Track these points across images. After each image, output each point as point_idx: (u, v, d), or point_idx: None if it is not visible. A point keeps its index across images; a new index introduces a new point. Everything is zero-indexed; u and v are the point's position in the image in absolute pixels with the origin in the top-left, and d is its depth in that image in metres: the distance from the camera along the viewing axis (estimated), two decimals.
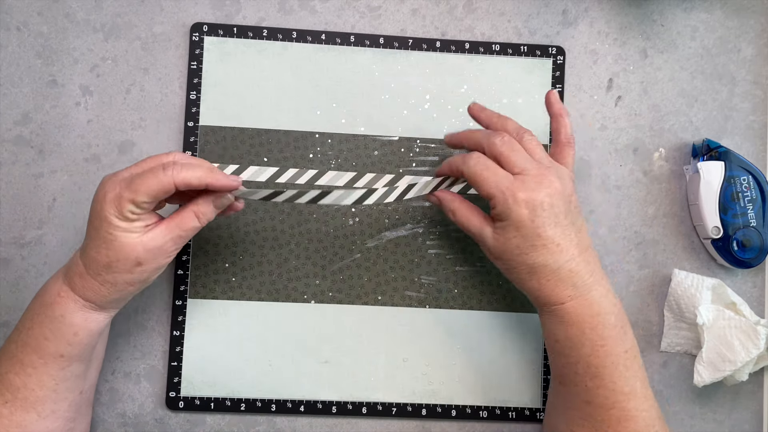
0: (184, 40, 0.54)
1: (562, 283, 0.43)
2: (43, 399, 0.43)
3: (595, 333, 0.43)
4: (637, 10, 0.57)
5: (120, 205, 0.41)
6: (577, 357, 0.43)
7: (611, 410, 0.43)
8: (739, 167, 0.53)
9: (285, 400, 0.53)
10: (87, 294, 0.43)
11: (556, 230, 0.43)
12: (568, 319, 0.43)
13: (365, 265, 0.54)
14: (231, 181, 0.43)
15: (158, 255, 0.43)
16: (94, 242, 0.42)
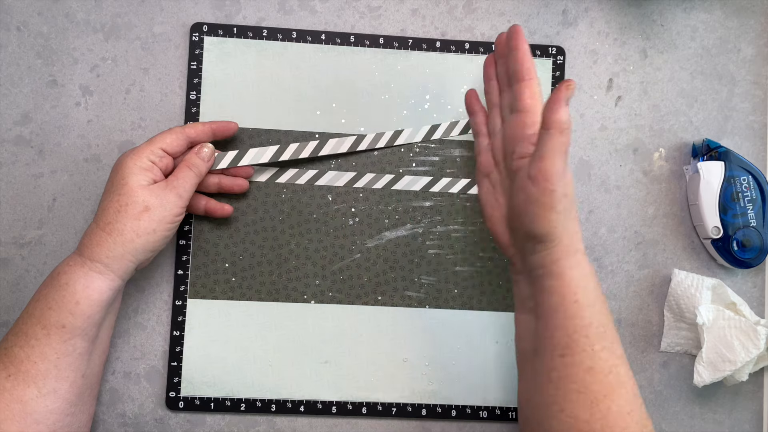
0: (184, 40, 0.54)
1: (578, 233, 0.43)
2: (44, 373, 0.43)
3: (599, 287, 0.43)
4: (637, 10, 0.57)
5: (139, 153, 0.47)
6: (590, 317, 0.42)
7: (609, 375, 0.41)
8: (739, 167, 0.53)
9: (285, 400, 0.53)
10: (94, 250, 0.45)
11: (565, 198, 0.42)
12: (589, 270, 0.43)
13: (365, 265, 0.54)
14: (227, 122, 0.51)
15: (163, 203, 0.46)
16: (108, 193, 0.46)
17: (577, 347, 0.42)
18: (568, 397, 0.42)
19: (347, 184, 0.54)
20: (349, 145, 0.53)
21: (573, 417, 0.41)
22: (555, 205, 0.41)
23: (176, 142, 0.48)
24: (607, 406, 0.41)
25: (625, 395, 0.41)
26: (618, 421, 0.41)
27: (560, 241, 0.42)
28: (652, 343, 0.55)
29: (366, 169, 0.54)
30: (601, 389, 0.41)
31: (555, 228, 0.42)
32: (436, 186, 0.54)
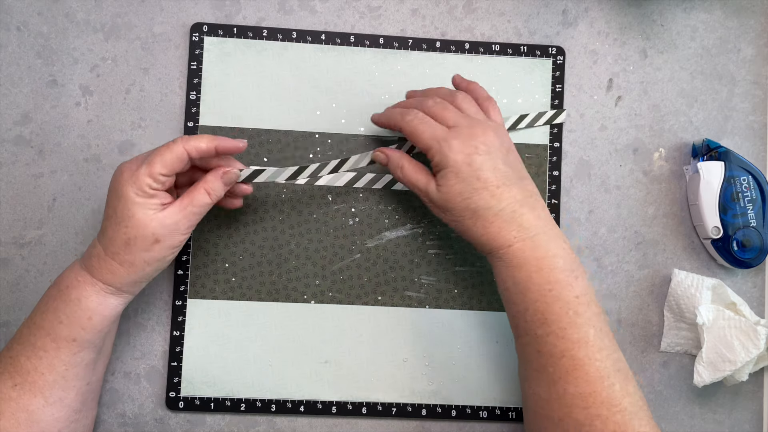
0: (184, 40, 0.54)
1: (507, 225, 0.44)
2: (51, 384, 0.43)
3: (541, 276, 0.43)
4: (637, 10, 0.57)
5: (138, 181, 0.43)
6: (525, 303, 0.43)
7: (561, 359, 0.42)
8: (739, 167, 0.53)
9: (285, 400, 0.53)
10: (105, 276, 0.44)
11: (495, 174, 0.44)
12: (516, 263, 0.43)
13: (365, 265, 0.54)
14: (237, 142, 0.46)
15: (174, 232, 0.45)
16: (113, 222, 0.44)
17: (521, 330, 0.44)
18: (530, 374, 0.44)
19: (347, 184, 0.54)
20: (369, 161, 0.51)
21: (536, 394, 0.43)
22: (430, 207, 0.47)
23: (177, 164, 0.44)
24: (563, 388, 0.41)
25: (583, 377, 0.41)
26: (576, 401, 0.41)
27: (474, 245, 0.46)
28: (652, 343, 0.55)
29: (366, 169, 0.54)
30: (555, 371, 0.42)
31: (462, 232, 0.46)
32: None
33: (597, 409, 0.41)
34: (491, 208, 0.44)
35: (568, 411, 0.41)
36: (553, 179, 0.55)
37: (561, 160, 0.55)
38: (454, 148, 0.45)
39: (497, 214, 0.44)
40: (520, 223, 0.44)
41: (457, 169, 0.44)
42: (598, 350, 0.42)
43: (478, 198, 0.44)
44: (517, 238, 0.44)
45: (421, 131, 0.46)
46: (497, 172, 0.45)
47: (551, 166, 0.55)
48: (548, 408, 0.42)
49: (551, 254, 0.43)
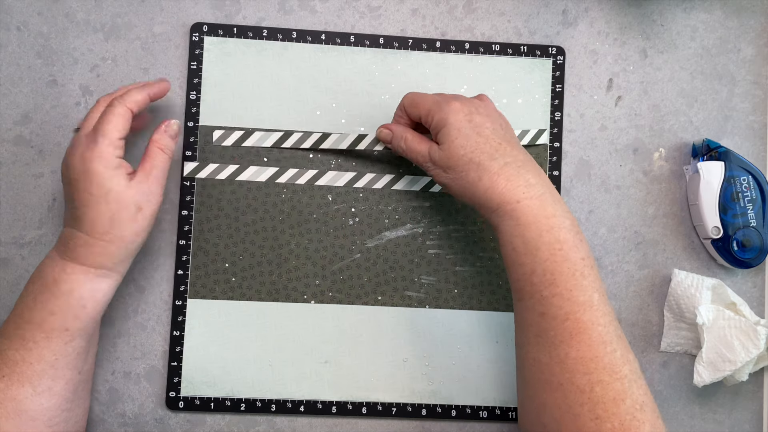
0: (184, 40, 0.54)
1: (514, 179, 0.43)
2: (40, 373, 0.43)
3: (551, 235, 0.42)
4: (637, 10, 0.57)
5: (103, 154, 0.44)
6: (533, 263, 0.42)
7: (565, 322, 0.41)
8: (739, 167, 0.53)
9: (285, 400, 0.53)
10: (97, 259, 0.44)
11: (496, 133, 0.45)
12: (525, 220, 0.42)
13: (365, 265, 0.54)
14: (161, 83, 0.49)
15: (150, 197, 0.46)
16: (90, 204, 0.44)
17: (525, 292, 0.43)
18: (529, 340, 0.43)
19: (347, 184, 0.54)
20: (350, 143, 0.53)
21: (536, 360, 0.42)
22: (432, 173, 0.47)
23: (126, 124, 0.45)
24: (565, 352, 0.41)
25: (586, 341, 0.40)
26: (578, 366, 0.40)
27: (478, 205, 0.45)
28: (652, 343, 0.55)
29: (366, 169, 0.54)
30: (557, 335, 0.41)
31: (456, 194, 0.46)
32: (436, 186, 0.54)
33: (598, 374, 0.40)
34: (496, 160, 0.44)
35: (569, 376, 0.40)
36: (553, 179, 0.55)
37: (561, 160, 0.55)
38: (455, 107, 0.46)
39: (503, 167, 0.44)
40: (527, 179, 0.43)
41: (458, 125, 0.45)
42: (602, 315, 0.41)
43: (480, 151, 0.44)
44: (526, 194, 0.43)
45: (422, 97, 0.48)
46: (497, 132, 0.45)
47: (551, 166, 0.55)
48: (548, 373, 0.41)
49: (559, 214, 0.43)
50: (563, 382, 0.41)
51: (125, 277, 0.53)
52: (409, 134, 0.49)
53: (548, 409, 0.41)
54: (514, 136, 0.47)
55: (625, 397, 0.40)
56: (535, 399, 0.43)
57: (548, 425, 0.41)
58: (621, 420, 0.39)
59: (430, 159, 0.47)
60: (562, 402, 0.41)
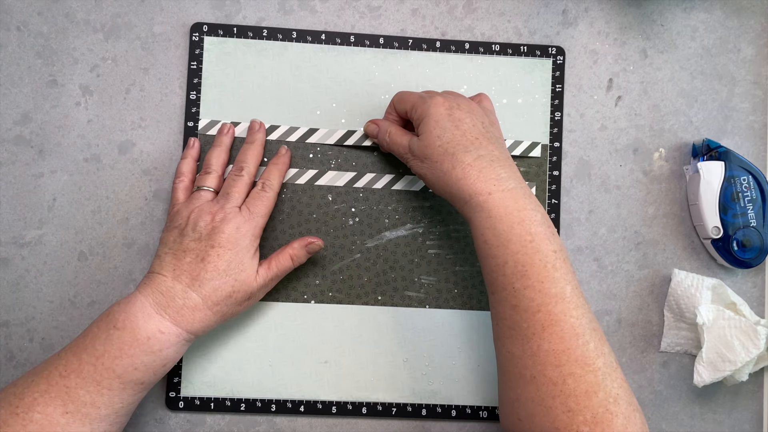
0: (184, 40, 0.54)
1: (486, 172, 0.44)
2: (103, 418, 0.43)
3: (522, 227, 0.42)
4: (637, 10, 0.57)
5: (256, 234, 0.48)
6: (505, 255, 0.42)
7: (537, 314, 0.41)
8: (739, 167, 0.53)
9: (285, 400, 0.53)
10: (195, 326, 0.45)
11: (474, 128, 0.46)
12: (496, 212, 0.42)
13: (365, 265, 0.54)
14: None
15: (261, 290, 0.49)
16: (220, 275, 0.46)
17: (498, 285, 0.43)
18: (503, 333, 0.43)
19: (347, 184, 0.54)
20: (338, 138, 0.53)
21: (510, 352, 0.43)
22: (410, 165, 0.48)
23: (272, 207, 0.50)
24: (537, 344, 0.41)
25: (558, 333, 0.40)
26: (549, 358, 0.40)
27: (450, 196, 0.45)
28: (652, 343, 0.55)
29: (366, 169, 0.54)
30: (529, 327, 0.41)
31: (432, 185, 0.47)
32: None
33: (570, 367, 0.40)
34: (469, 153, 0.44)
35: (541, 369, 0.40)
36: (553, 179, 0.55)
37: (561, 160, 0.55)
38: (437, 101, 0.47)
39: (476, 160, 0.44)
40: (498, 174, 0.44)
41: (437, 116, 0.46)
42: (575, 307, 0.41)
43: (456, 143, 0.45)
44: (497, 187, 0.43)
45: (409, 94, 0.50)
46: (476, 128, 0.46)
47: (551, 166, 0.55)
48: (521, 366, 0.41)
49: (530, 207, 0.43)
50: (536, 374, 0.41)
51: (127, 277, 0.53)
52: (393, 128, 0.51)
53: (522, 403, 0.41)
54: (495, 134, 0.47)
55: (597, 390, 0.39)
56: (510, 393, 0.43)
57: (523, 419, 0.42)
58: (593, 412, 0.39)
59: (409, 150, 0.48)
60: (535, 395, 0.41)
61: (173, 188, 0.51)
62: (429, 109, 0.47)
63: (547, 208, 0.55)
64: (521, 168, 0.55)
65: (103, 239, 0.53)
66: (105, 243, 0.53)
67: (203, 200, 0.48)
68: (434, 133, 0.46)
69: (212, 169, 0.51)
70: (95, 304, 0.53)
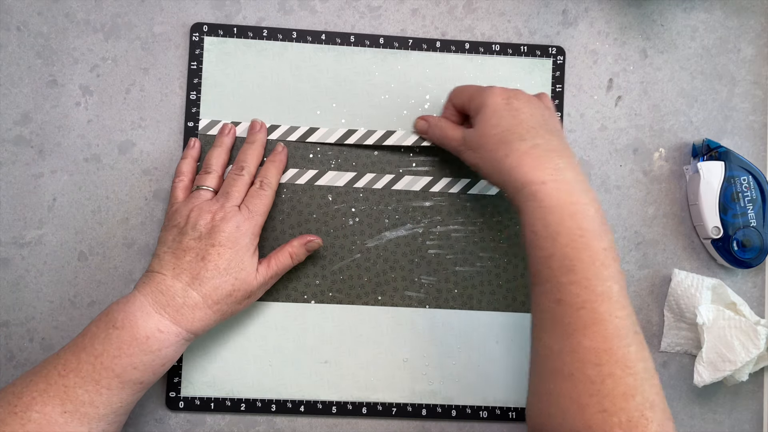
0: (184, 40, 0.54)
1: (541, 161, 0.42)
2: (102, 417, 0.43)
3: (573, 221, 0.41)
4: (637, 10, 0.57)
5: (256, 232, 0.48)
6: (552, 248, 0.41)
7: (581, 310, 0.40)
8: (739, 167, 0.53)
9: (285, 400, 0.53)
10: (195, 325, 0.45)
11: (532, 118, 0.45)
12: (548, 203, 0.41)
13: (365, 265, 0.54)
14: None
15: (261, 289, 0.49)
16: (221, 273, 0.46)
17: (542, 277, 0.42)
18: (542, 325, 0.42)
19: (347, 184, 0.54)
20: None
21: (548, 347, 0.41)
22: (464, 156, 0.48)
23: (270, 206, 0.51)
24: (578, 341, 0.40)
25: (601, 332, 0.39)
26: (590, 356, 0.39)
27: (504, 184, 0.44)
28: (652, 343, 0.55)
29: (366, 169, 0.54)
30: (571, 323, 0.40)
31: (485, 174, 0.46)
32: (436, 186, 0.54)
33: (610, 367, 0.39)
34: (525, 141, 0.44)
35: (580, 366, 0.39)
36: None
37: None
38: (495, 92, 0.47)
39: (533, 148, 0.43)
40: (556, 164, 0.42)
41: (495, 106, 0.46)
42: (620, 308, 0.40)
43: (511, 132, 0.44)
44: (552, 177, 0.42)
45: (465, 86, 0.50)
46: (534, 118, 0.45)
47: None
48: (559, 361, 0.40)
49: (584, 202, 0.42)
50: (574, 371, 0.39)
51: (127, 277, 0.53)
52: (444, 122, 0.51)
53: (555, 398, 0.40)
54: (554, 126, 0.46)
55: (635, 393, 0.38)
56: (543, 387, 0.42)
57: (554, 415, 0.40)
58: (629, 416, 0.38)
59: (463, 141, 0.48)
60: (571, 391, 0.39)
61: (172, 187, 0.51)
62: (487, 99, 0.46)
63: None
64: None
65: (103, 239, 0.53)
66: (105, 243, 0.53)
67: (202, 199, 0.48)
68: (490, 122, 0.45)
69: (212, 169, 0.51)
70: (95, 304, 0.53)
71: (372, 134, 0.54)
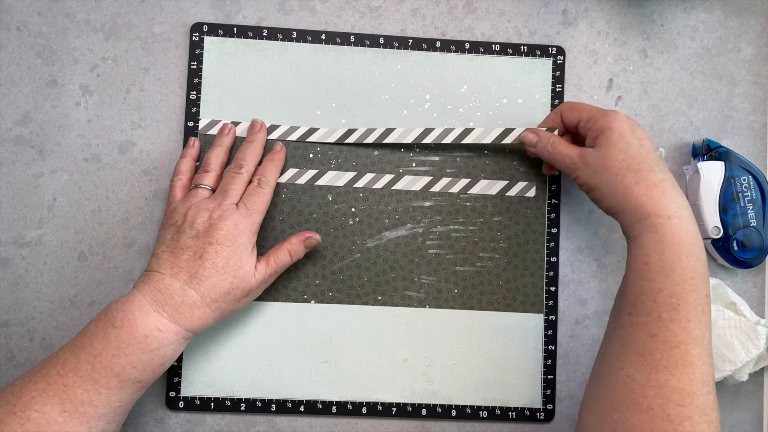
0: (184, 40, 0.54)
1: (669, 195, 0.44)
2: (101, 416, 0.43)
3: (689, 262, 0.42)
4: (637, 10, 0.57)
5: (254, 230, 0.48)
6: (662, 284, 0.42)
7: (675, 350, 0.41)
8: (739, 167, 0.53)
9: (285, 400, 0.53)
10: (194, 323, 0.45)
11: (653, 150, 0.46)
12: (669, 239, 0.42)
13: (365, 265, 0.54)
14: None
15: (260, 287, 0.49)
16: (219, 272, 0.46)
17: (642, 308, 0.43)
18: (628, 356, 0.42)
19: (347, 184, 0.54)
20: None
21: (630, 377, 0.42)
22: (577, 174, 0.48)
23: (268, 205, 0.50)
24: (666, 379, 0.41)
25: (689, 375, 0.40)
26: (674, 395, 0.40)
27: (624, 210, 0.45)
28: None
29: (366, 169, 0.54)
30: (663, 359, 0.41)
31: (600, 196, 0.47)
32: (436, 186, 0.54)
33: (690, 410, 0.40)
34: (654, 173, 0.44)
35: (662, 402, 0.40)
36: (553, 179, 0.55)
37: None
38: (620, 117, 0.47)
39: (661, 180, 0.44)
40: (679, 201, 0.44)
41: (622, 131, 0.46)
42: (708, 355, 0.42)
43: (640, 161, 0.45)
44: (677, 214, 0.43)
45: (582, 104, 0.50)
46: (652, 151, 0.46)
47: None
48: (640, 393, 0.41)
49: (698, 245, 0.43)
50: (654, 406, 0.40)
51: (127, 277, 0.53)
52: (556, 139, 0.50)
53: (627, 428, 0.41)
54: None
55: None
56: (615, 414, 0.42)
57: None
58: None
59: (581, 160, 0.48)
60: (647, 426, 0.40)
61: (171, 186, 0.51)
62: (612, 122, 0.46)
63: (547, 208, 0.55)
64: (521, 168, 0.55)
65: (103, 239, 0.53)
66: (105, 243, 0.53)
67: (200, 197, 0.48)
68: (618, 146, 0.46)
69: (211, 168, 0.51)
70: (95, 304, 0.53)
71: (372, 132, 0.54)
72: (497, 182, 0.55)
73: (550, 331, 0.54)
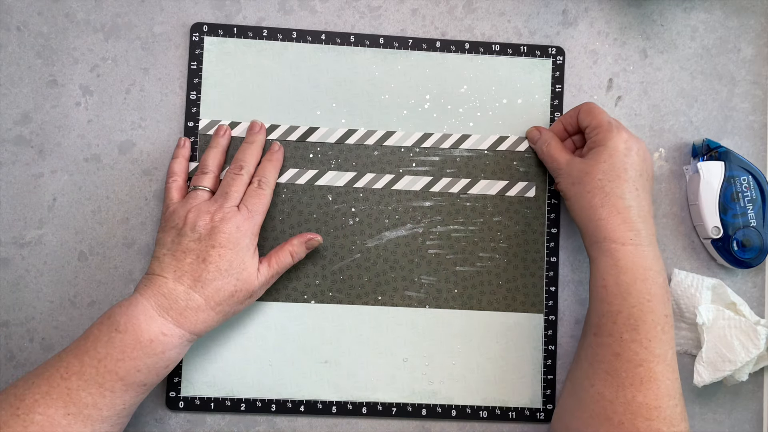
0: (184, 40, 0.54)
1: (628, 223, 0.45)
2: (105, 419, 0.43)
3: (644, 286, 0.44)
4: (637, 10, 0.57)
5: (256, 232, 0.48)
6: (620, 306, 0.44)
7: (638, 368, 0.43)
8: (739, 167, 0.53)
9: (285, 400, 0.53)
10: (198, 326, 0.45)
11: (640, 179, 0.47)
12: (623, 264, 0.45)
13: (365, 265, 0.54)
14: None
15: (263, 288, 0.49)
16: (222, 275, 0.46)
17: (605, 330, 0.45)
18: (597, 374, 0.45)
19: (347, 184, 0.54)
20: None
21: (600, 394, 0.45)
22: (558, 180, 0.50)
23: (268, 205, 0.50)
24: (632, 395, 0.43)
25: (654, 390, 0.43)
26: (642, 410, 0.43)
27: (586, 228, 0.47)
28: None
29: (366, 169, 0.54)
30: (628, 377, 0.44)
31: (570, 207, 0.48)
32: (436, 186, 0.54)
33: (659, 423, 0.42)
34: (624, 200, 0.46)
35: (631, 418, 0.43)
36: (553, 179, 0.55)
37: None
38: (623, 136, 0.47)
39: (626, 208, 0.46)
40: (638, 229, 0.45)
41: (614, 151, 0.47)
42: (672, 371, 0.44)
43: (615, 185, 0.46)
44: (633, 240, 0.45)
45: (600, 112, 0.50)
46: (641, 179, 0.47)
47: None
48: (610, 409, 0.44)
49: (655, 269, 0.45)
50: (624, 421, 0.43)
51: (127, 277, 0.53)
52: (554, 141, 0.52)
53: None
54: (649, 187, 0.48)
55: None
56: (589, 429, 0.45)
57: None
58: None
59: (567, 167, 0.49)
60: None
61: (166, 188, 0.51)
62: (609, 140, 0.47)
63: (547, 208, 0.55)
64: (521, 168, 0.55)
65: (103, 239, 0.53)
66: (105, 243, 0.53)
67: (200, 200, 0.48)
68: (602, 164, 0.47)
69: (209, 170, 0.50)
70: (95, 304, 0.53)
71: (372, 134, 0.54)
72: (497, 182, 0.55)
73: (550, 331, 0.54)
